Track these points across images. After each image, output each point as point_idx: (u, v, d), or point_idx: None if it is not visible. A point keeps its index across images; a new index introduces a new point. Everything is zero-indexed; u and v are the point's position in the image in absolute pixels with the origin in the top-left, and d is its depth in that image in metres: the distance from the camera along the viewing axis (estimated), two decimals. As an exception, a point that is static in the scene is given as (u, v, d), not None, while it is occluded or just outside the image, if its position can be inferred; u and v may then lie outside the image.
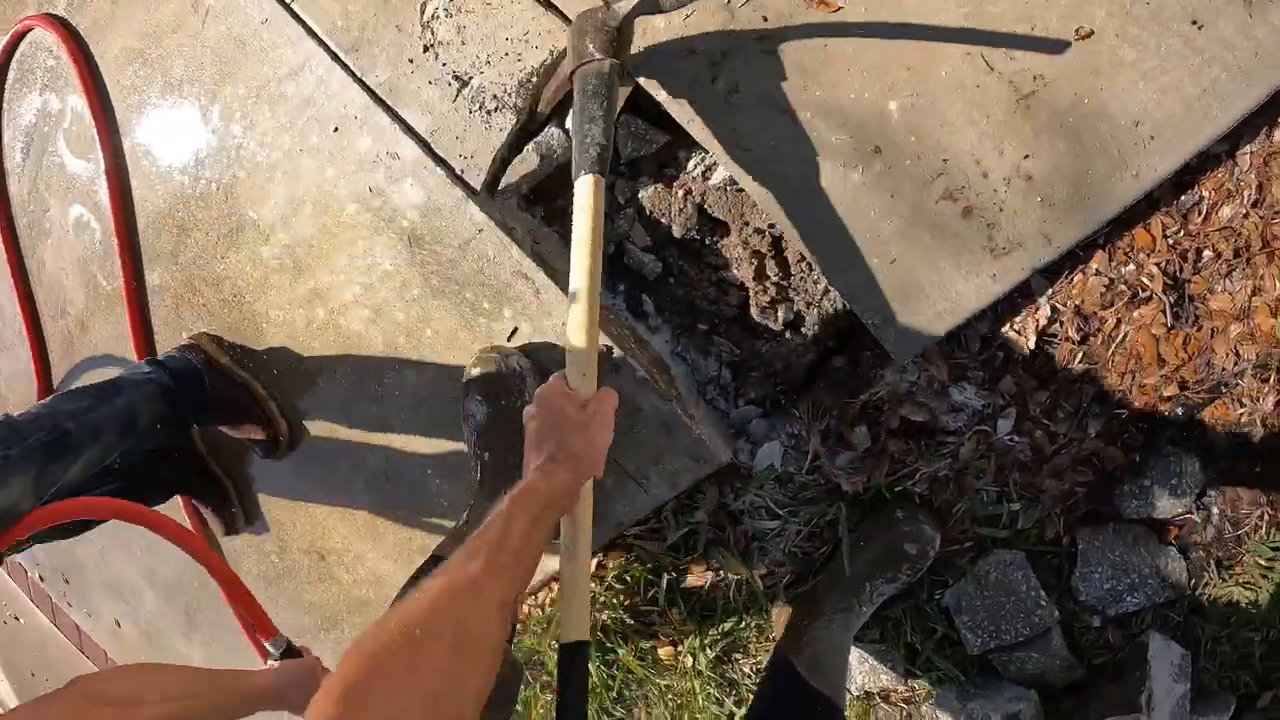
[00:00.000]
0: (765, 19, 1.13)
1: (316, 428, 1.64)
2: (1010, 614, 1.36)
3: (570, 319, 0.98)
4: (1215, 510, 1.35)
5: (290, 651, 1.26)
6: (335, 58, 1.41)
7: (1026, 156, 1.11)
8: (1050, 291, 1.23)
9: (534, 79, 1.25)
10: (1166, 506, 1.32)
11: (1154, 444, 1.33)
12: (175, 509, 1.90)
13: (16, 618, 2.98)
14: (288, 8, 1.45)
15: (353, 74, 1.39)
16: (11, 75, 1.93)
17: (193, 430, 1.69)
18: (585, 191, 1.00)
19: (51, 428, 1.29)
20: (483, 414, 1.27)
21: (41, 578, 2.64)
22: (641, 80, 1.18)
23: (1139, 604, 1.36)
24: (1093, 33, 1.08)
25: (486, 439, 1.26)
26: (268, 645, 1.26)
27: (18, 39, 1.86)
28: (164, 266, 1.77)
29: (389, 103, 1.36)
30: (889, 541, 1.32)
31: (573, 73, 1.07)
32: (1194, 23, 1.07)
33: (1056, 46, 1.09)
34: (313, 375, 1.59)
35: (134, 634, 2.46)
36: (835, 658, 1.32)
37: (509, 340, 1.33)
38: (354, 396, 1.55)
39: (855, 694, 1.46)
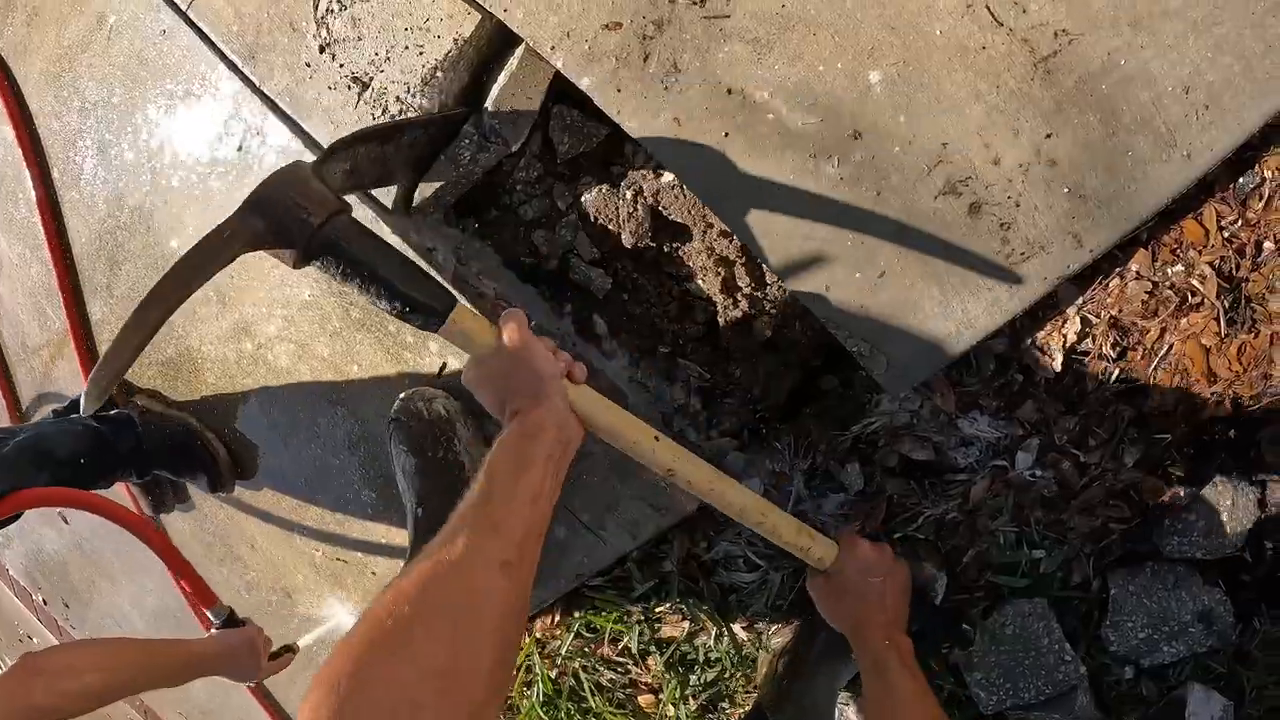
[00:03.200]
0: (709, -24, 0.83)
1: (264, 462, 1.42)
2: (1030, 670, 1.10)
3: None
4: (1269, 545, 1.06)
5: (232, 621, 1.23)
6: (233, 67, 1.16)
7: (1048, 136, 0.82)
8: (1081, 301, 0.94)
9: (438, 74, 0.97)
10: (1215, 544, 1.04)
11: (1202, 473, 1.04)
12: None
13: (30, 636, 2.92)
14: (184, 16, 1.20)
15: (250, 84, 1.15)
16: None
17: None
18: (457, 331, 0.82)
19: None
20: (412, 465, 1.02)
21: (45, 601, 2.54)
22: (560, 64, 0.89)
23: (1178, 654, 1.09)
24: (1132, -28, 0.77)
25: (419, 491, 1.03)
26: (209, 614, 1.24)
27: None
28: (102, 300, 1.60)
29: (290, 113, 1.10)
30: None
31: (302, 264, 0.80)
32: (1261, -43, 0.76)
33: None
34: (252, 411, 1.36)
35: None
36: (819, 716, 1.08)
37: (438, 376, 1.07)
38: (292, 433, 1.32)
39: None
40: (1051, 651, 1.08)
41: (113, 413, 1.47)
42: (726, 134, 0.87)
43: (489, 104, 0.96)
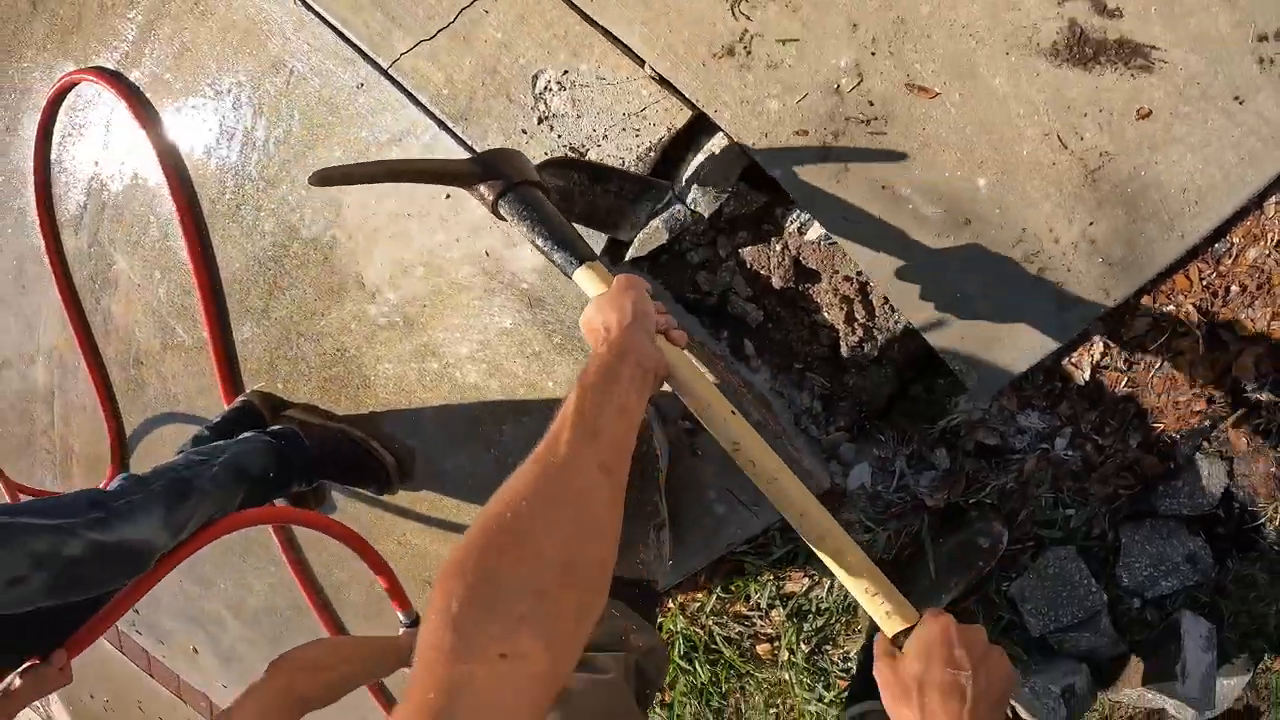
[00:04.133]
0: (871, 103, 1.23)
1: (429, 469, 1.71)
2: (1066, 600, 1.51)
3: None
4: (1236, 505, 1.51)
5: (419, 623, 1.36)
6: (442, 125, 1.43)
7: (1091, 224, 1.24)
8: (1105, 332, 1.37)
9: (651, 153, 1.33)
10: (1196, 504, 1.48)
11: (1185, 451, 1.48)
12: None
13: None
14: (385, 73, 1.45)
15: (462, 142, 1.43)
16: (61, 128, 1.91)
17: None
18: (584, 279, 1.03)
19: (170, 478, 1.38)
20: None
21: None
22: (758, 158, 1.27)
23: (1173, 587, 1.52)
24: (1151, 112, 1.20)
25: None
26: (400, 616, 1.40)
27: (63, 92, 1.84)
28: (255, 321, 1.80)
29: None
30: (965, 538, 1.46)
31: (495, 200, 1.07)
32: (1236, 99, 1.19)
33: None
34: (423, 421, 1.66)
35: (212, 660, 2.52)
36: None
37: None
38: (468, 441, 1.62)
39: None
40: (1081, 585, 1.50)
41: (278, 428, 1.71)
42: (875, 215, 1.27)
43: (688, 178, 1.32)
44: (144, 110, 1.72)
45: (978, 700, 0.72)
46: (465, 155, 1.43)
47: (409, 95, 1.45)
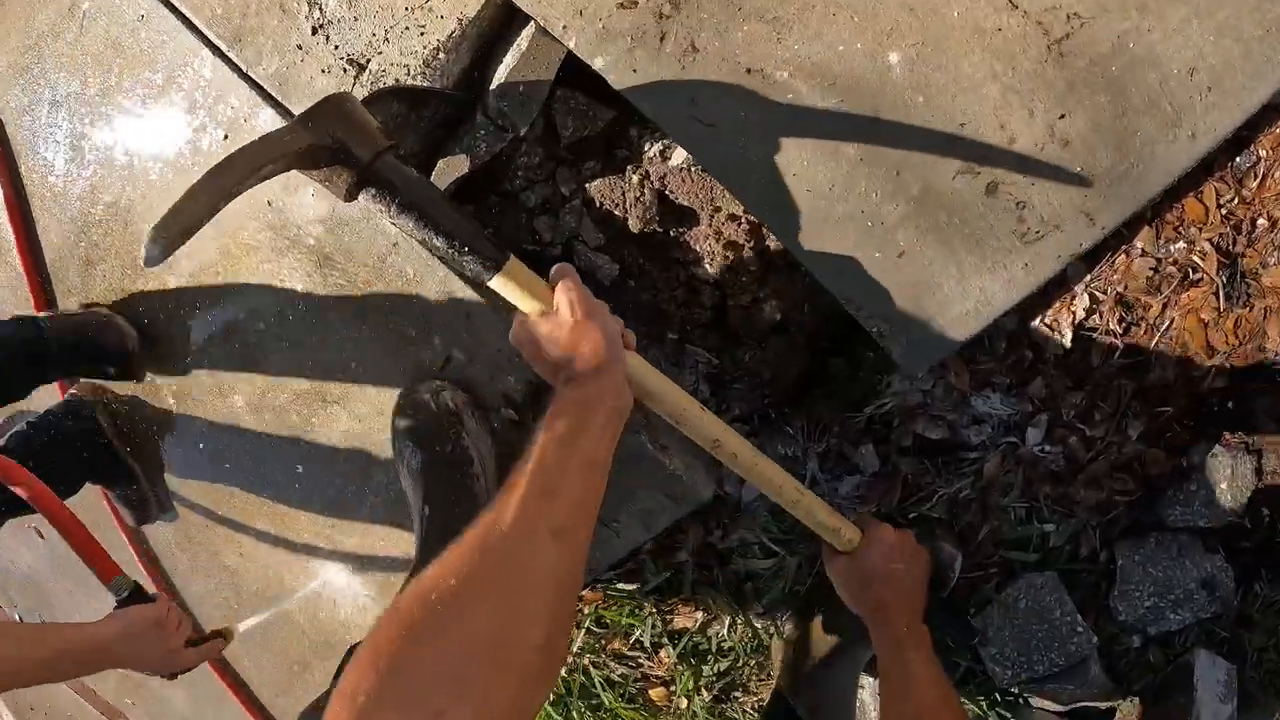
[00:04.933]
0: (726, -46, 0.86)
1: (239, 468, 1.41)
2: (1043, 643, 1.16)
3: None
4: (1267, 513, 1.14)
5: (137, 596, 1.11)
6: (217, 51, 1.15)
7: (1062, 116, 0.87)
8: (1089, 278, 1.00)
9: (440, 55, 0.98)
10: (1215, 513, 1.12)
11: (1201, 443, 1.11)
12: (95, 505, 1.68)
13: None
14: (163, 0, 1.17)
15: (237, 69, 1.14)
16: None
17: (95, 413, 1.47)
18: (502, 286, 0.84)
19: None
20: (418, 462, 1.03)
21: (20, 618, 2.53)
22: (573, 44, 0.91)
23: (1184, 620, 1.17)
24: (1141, -45, 0.82)
25: (425, 490, 1.03)
26: (108, 587, 1.13)
27: None
28: (76, 301, 1.53)
29: (279, 98, 1.10)
30: None
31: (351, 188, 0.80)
32: (1264, -61, 0.81)
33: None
34: (237, 407, 1.35)
35: (114, 675, 2.33)
36: (840, 700, 1.14)
37: (441, 369, 1.08)
38: (278, 430, 1.31)
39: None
40: (1063, 623, 1.15)
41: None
42: (744, 115, 0.90)
43: (495, 86, 0.97)
44: None
45: (905, 581, 1.03)
46: (249, 86, 1.12)
47: (185, 21, 1.17)
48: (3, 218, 1.45)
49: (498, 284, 0.83)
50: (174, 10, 1.17)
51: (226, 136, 1.17)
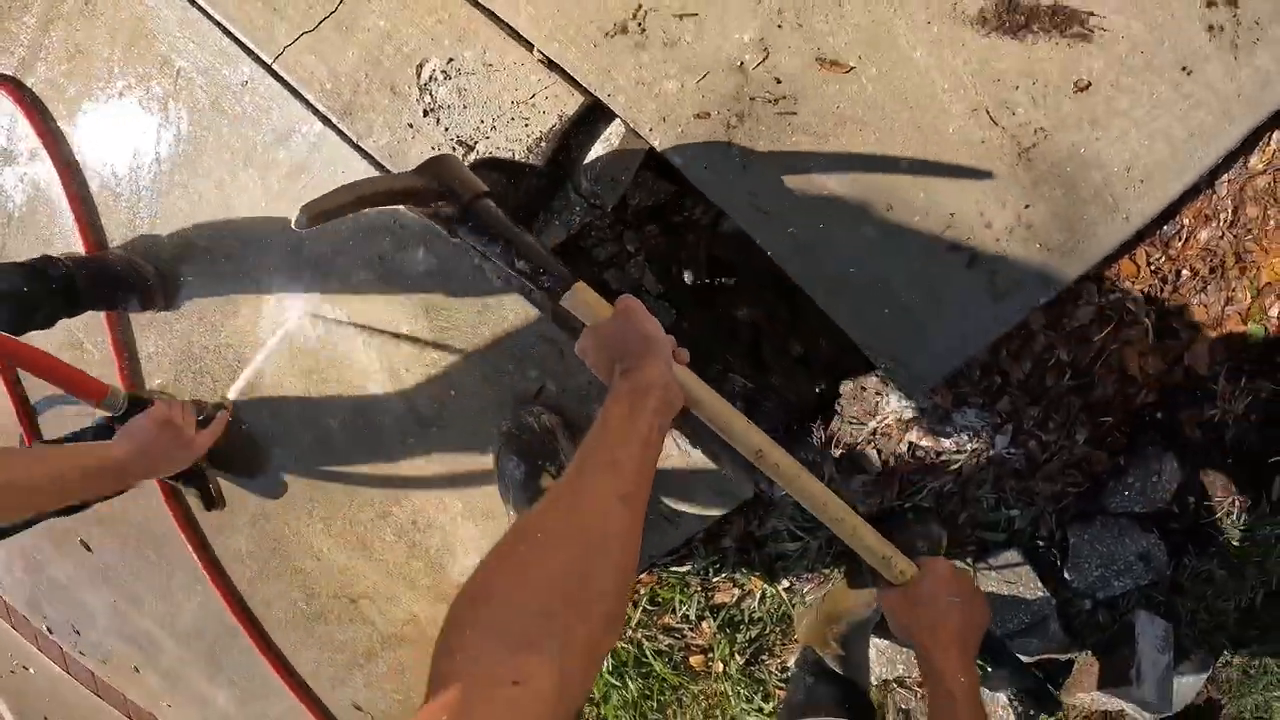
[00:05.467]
0: (779, 80, 1.14)
1: (332, 480, 1.65)
2: (1011, 604, 1.47)
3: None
4: (1191, 500, 1.47)
5: (135, 406, 1.13)
6: (327, 122, 1.35)
7: (1027, 206, 1.16)
8: (1044, 322, 1.30)
9: (542, 143, 1.24)
10: (1149, 500, 1.43)
11: (1136, 446, 1.43)
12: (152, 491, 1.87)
13: (25, 667, 2.93)
14: (269, 69, 1.37)
15: (347, 139, 1.34)
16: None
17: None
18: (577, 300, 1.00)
19: None
20: (522, 473, 1.30)
21: (49, 629, 2.64)
22: (657, 144, 1.18)
23: (1126, 587, 1.48)
24: (1090, 84, 1.12)
25: (530, 496, 1.30)
26: (101, 407, 1.14)
27: None
28: (158, 333, 1.71)
29: (389, 169, 1.32)
30: (902, 543, 1.39)
31: (455, 220, 1.01)
32: (1184, 69, 1.11)
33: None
34: (328, 436, 1.59)
35: (154, 678, 2.49)
36: (858, 651, 1.43)
37: (535, 398, 1.36)
38: (372, 455, 1.56)
39: (873, 682, 1.58)
40: (1027, 589, 1.47)
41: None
42: (791, 205, 1.18)
43: (586, 170, 1.24)
44: (40, 117, 1.60)
45: (967, 622, 1.04)
46: (360, 156, 1.34)
47: (293, 91, 1.36)
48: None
49: (570, 300, 0.99)
50: (280, 80, 1.35)
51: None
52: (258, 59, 1.37)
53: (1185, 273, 1.33)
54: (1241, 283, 1.34)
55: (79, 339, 1.77)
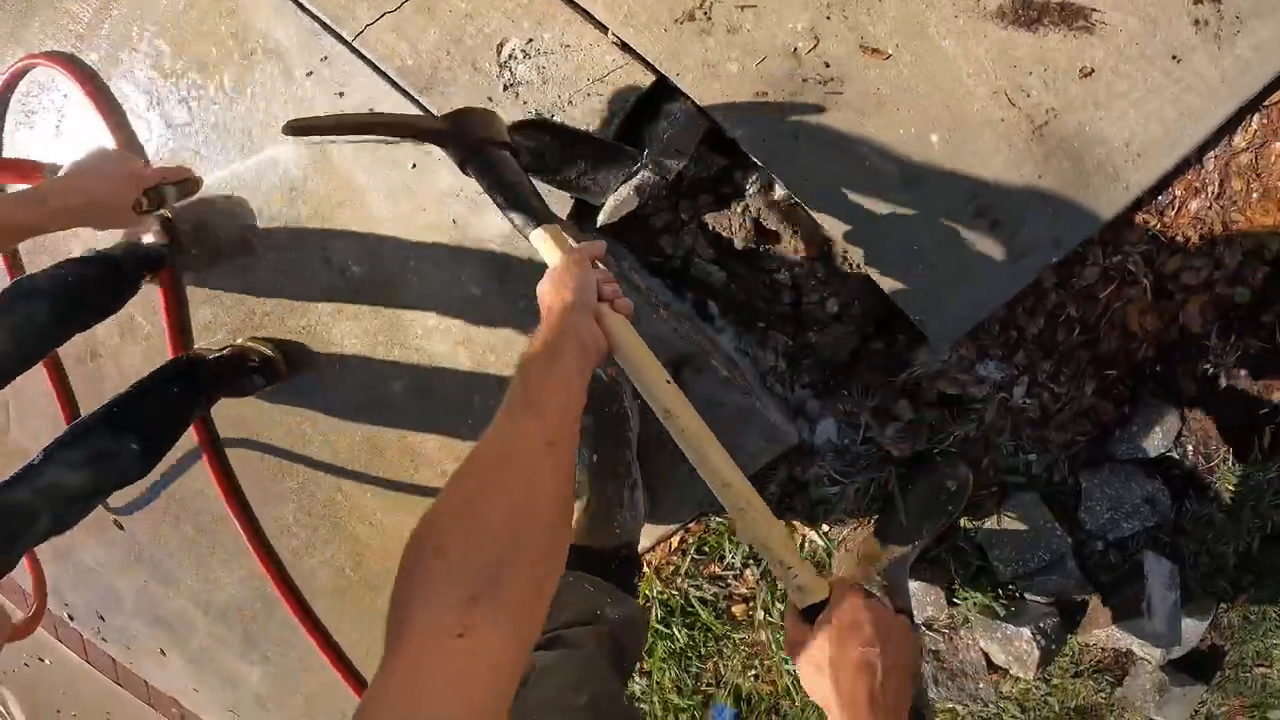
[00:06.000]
0: (827, 65, 1.35)
1: (399, 438, 1.81)
2: (1031, 544, 1.67)
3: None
4: (1190, 448, 1.67)
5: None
6: (407, 95, 1.51)
7: (1040, 177, 1.38)
8: (1055, 281, 1.51)
9: (615, 118, 1.43)
10: (1151, 448, 1.63)
11: (1138, 397, 1.64)
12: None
13: (41, 659, 3.02)
14: (349, 45, 1.52)
15: (428, 113, 1.52)
16: (14, 117, 1.92)
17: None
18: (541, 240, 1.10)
19: None
20: (589, 421, 1.48)
21: (71, 616, 2.72)
22: (720, 120, 1.38)
23: (1134, 529, 1.68)
24: (1093, 71, 1.34)
25: (596, 441, 1.48)
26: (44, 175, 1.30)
27: (15, 79, 1.84)
28: (215, 305, 1.88)
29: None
30: (933, 481, 1.59)
31: (462, 159, 1.19)
32: (1174, 57, 1.33)
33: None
34: (385, 386, 1.75)
35: (180, 660, 2.59)
36: (902, 584, 1.60)
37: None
38: (445, 414, 1.73)
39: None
40: (1045, 530, 1.65)
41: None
42: (836, 173, 1.39)
43: (656, 144, 1.43)
44: (100, 95, 1.76)
45: (887, 674, 0.80)
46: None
47: (373, 67, 1.53)
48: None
49: (535, 238, 1.10)
50: (360, 56, 1.52)
51: (414, 165, 1.58)
52: (338, 36, 1.53)
53: (1179, 239, 1.55)
54: (1229, 249, 1.56)
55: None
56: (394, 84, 1.53)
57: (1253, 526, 1.71)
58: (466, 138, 1.17)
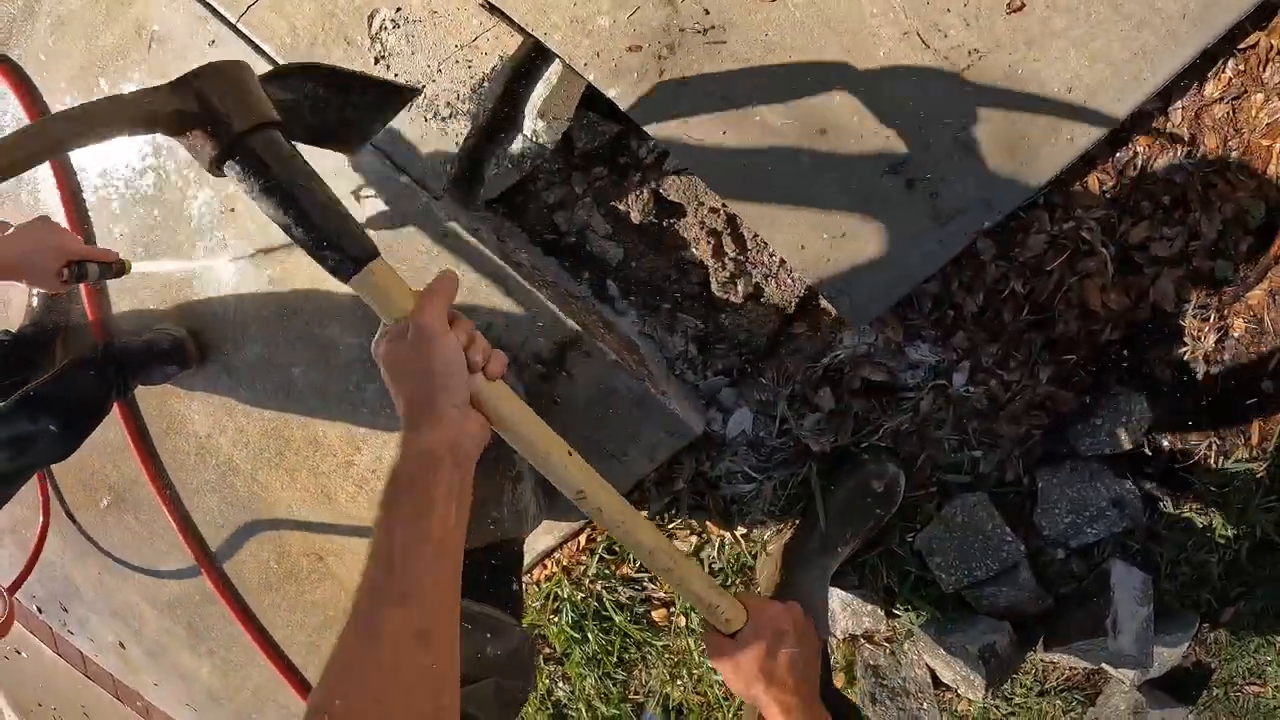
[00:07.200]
0: (706, 11, 1.20)
1: (294, 424, 1.74)
2: (979, 552, 1.50)
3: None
4: (1166, 443, 1.49)
5: None
6: None
7: (964, 128, 1.21)
8: (995, 251, 1.34)
9: (485, 84, 1.31)
10: (1119, 442, 1.45)
11: (1103, 385, 1.46)
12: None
13: (18, 651, 3.03)
14: (234, 28, 1.46)
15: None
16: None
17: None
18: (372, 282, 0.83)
19: None
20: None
21: (39, 609, 2.73)
22: (592, 79, 1.25)
23: (1099, 534, 1.49)
24: (1024, 5, 1.16)
25: None
26: None
27: None
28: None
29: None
30: (857, 482, 1.44)
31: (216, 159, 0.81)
32: (1122, -13, 1.15)
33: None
34: (286, 371, 1.68)
35: (139, 653, 2.58)
36: (816, 601, 1.47)
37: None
38: (339, 401, 1.65)
39: (840, 637, 1.62)
40: (995, 535, 1.48)
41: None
42: (724, 132, 1.24)
43: (530, 110, 1.31)
44: (29, 93, 1.71)
45: (794, 667, 0.98)
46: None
47: (255, 47, 1.46)
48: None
49: (360, 284, 0.81)
50: (244, 38, 1.46)
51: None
52: (223, 19, 1.47)
53: (1145, 204, 1.36)
54: (1206, 218, 1.37)
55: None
56: (274, 64, 1.45)
57: (1240, 532, 1.52)
58: (218, 123, 0.78)
